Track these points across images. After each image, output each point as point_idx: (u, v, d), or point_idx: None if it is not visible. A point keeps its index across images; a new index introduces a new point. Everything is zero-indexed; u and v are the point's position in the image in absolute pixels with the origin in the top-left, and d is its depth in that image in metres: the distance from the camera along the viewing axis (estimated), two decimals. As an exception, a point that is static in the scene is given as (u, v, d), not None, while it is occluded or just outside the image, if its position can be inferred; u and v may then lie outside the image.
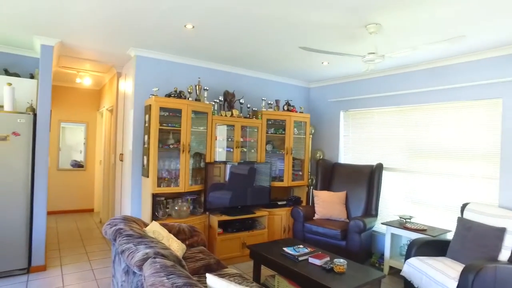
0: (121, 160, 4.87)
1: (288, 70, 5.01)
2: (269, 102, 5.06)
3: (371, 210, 4.46)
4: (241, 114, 4.70)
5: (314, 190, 4.93)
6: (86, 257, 4.39)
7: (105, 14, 3.12)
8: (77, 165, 7.08)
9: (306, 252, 3.26)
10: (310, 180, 5.50)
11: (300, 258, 3.15)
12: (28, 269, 3.83)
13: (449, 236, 3.87)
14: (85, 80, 5.90)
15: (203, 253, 3.32)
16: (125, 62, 4.83)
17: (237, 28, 3.33)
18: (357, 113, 5.24)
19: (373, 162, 4.90)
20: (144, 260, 2.07)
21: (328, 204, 4.66)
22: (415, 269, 3.22)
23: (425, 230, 3.79)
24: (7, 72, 4.17)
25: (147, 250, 2.16)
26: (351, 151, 5.33)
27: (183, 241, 3.39)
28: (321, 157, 5.62)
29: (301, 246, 3.44)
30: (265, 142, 4.88)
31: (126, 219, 2.99)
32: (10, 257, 3.69)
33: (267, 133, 4.90)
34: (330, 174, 5.08)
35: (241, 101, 4.79)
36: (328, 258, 3.12)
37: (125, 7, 2.93)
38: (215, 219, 4.15)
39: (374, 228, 4.62)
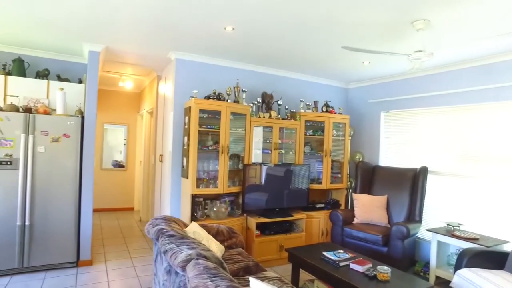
0: (161, 161, 5.00)
1: (327, 70, 4.90)
2: (307, 103, 4.98)
3: (414, 215, 4.24)
4: (279, 116, 4.66)
5: (353, 194, 4.78)
6: (127, 254, 4.54)
7: (147, 20, 3.22)
8: (118, 165, 7.39)
9: (347, 257, 3.16)
10: (349, 183, 5.35)
11: (341, 264, 3.05)
12: (77, 263, 4.04)
13: (506, 247, 3.59)
14: (127, 84, 6.14)
15: (241, 255, 3.32)
16: (165, 66, 4.96)
17: (278, 29, 3.30)
18: (399, 114, 5.02)
19: (417, 165, 4.67)
20: (187, 261, 2.09)
21: (368, 208, 4.50)
22: (468, 282, 3.01)
23: (477, 239, 3.54)
24: (59, 78, 4.43)
25: (190, 251, 2.18)
26: (392, 153, 5.12)
27: (221, 242, 3.41)
28: (360, 160, 5.45)
29: (341, 251, 3.34)
30: (303, 144, 4.80)
31: (167, 219, 3.05)
32: (62, 251, 3.91)
33: (305, 134, 4.82)
34: (370, 177, 4.91)
35: (279, 102, 4.76)
36: (370, 265, 3.01)
37: (166, 12, 3.01)
38: (253, 221, 4.14)
39: (418, 235, 4.40)
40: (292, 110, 4.94)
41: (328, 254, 3.20)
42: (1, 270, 3.66)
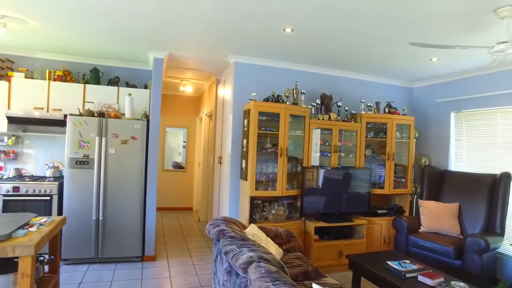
0: (220, 163, 5.11)
1: (390, 69, 4.64)
2: (369, 104, 4.76)
3: (494, 227, 3.81)
4: (339, 118, 4.52)
5: (419, 200, 4.45)
6: (187, 253, 4.71)
7: (207, 25, 3.32)
8: (178, 166, 7.73)
9: (414, 268, 2.94)
10: (414, 189, 5.00)
11: (408, 275, 2.84)
12: (142, 258, 4.28)
13: None
14: (187, 88, 6.42)
15: (300, 259, 3.25)
16: (224, 69, 5.08)
17: (339, 28, 3.20)
18: (473, 114, 4.57)
19: (495, 170, 4.20)
20: (248, 263, 2.08)
21: (436, 216, 4.15)
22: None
23: None
24: (127, 84, 4.76)
25: (251, 254, 2.17)
26: (464, 157, 4.67)
27: (280, 245, 3.37)
28: (427, 164, 5.06)
29: (407, 261, 3.12)
30: (364, 147, 4.59)
31: (227, 220, 3.09)
32: (129, 245, 4.17)
33: (366, 137, 4.61)
34: (438, 182, 4.53)
35: (338, 104, 4.61)
36: (442, 279, 2.75)
37: (225, 17, 3.07)
38: (311, 225, 4.05)
39: (500, 250, 3.94)
40: (352, 111, 4.75)
41: (393, 264, 3.01)
42: (81, 259, 4.03)
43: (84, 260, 4.05)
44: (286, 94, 4.23)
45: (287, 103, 4.19)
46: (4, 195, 3.90)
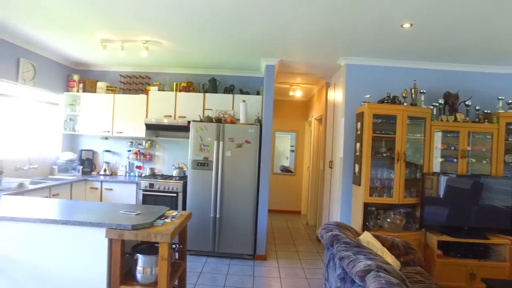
0: (331, 167, 5.02)
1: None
2: (509, 101, 4.02)
3: None
4: (467, 118, 3.96)
5: None
6: (296, 255, 4.74)
7: (316, 29, 3.33)
8: (285, 170, 7.89)
9: None
10: None
11: None
12: (253, 256, 4.49)
13: None
14: (297, 93, 6.51)
15: (421, 275, 2.95)
16: (334, 72, 5.00)
17: (468, 16, 2.81)
18: None
19: None
20: (366, 271, 1.98)
21: None
22: None
23: None
24: (241, 91, 5.10)
25: (369, 262, 2.06)
26: None
27: (396, 257, 3.11)
28: None
29: None
30: (503, 152, 3.90)
31: (340, 226, 3.01)
32: (242, 243, 4.43)
33: (506, 140, 3.89)
34: None
35: (467, 103, 4.03)
36: None
37: (335, 19, 3.04)
38: (433, 238, 3.63)
39: None
40: (485, 110, 4.09)
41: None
42: (200, 251, 4.46)
43: (203, 252, 4.46)
44: (403, 95, 3.92)
45: (405, 104, 3.88)
46: (143, 190, 4.62)
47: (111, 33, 3.73)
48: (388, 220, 3.75)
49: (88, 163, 5.23)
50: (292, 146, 7.91)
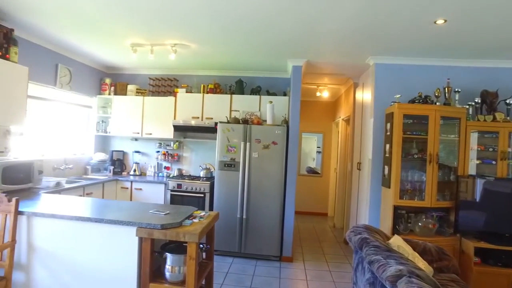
0: (359, 169, 4.92)
1: None
2: (557, 99, 3.77)
3: None
4: (508, 118, 3.75)
5: None
6: (323, 258, 4.67)
7: (344, 29, 3.27)
8: (312, 171, 7.80)
9: None
10: None
11: None
12: (280, 258, 4.47)
13: None
14: (324, 93, 6.42)
15: (456, 282, 2.81)
16: (361, 72, 4.89)
17: (508, 7, 2.66)
18: None
19: None
20: (397, 276, 1.92)
21: None
22: None
23: None
24: (268, 93, 5.10)
25: (400, 267, 2.00)
26: None
27: (429, 263, 2.99)
28: None
29: None
30: (551, 154, 3.66)
31: (369, 229, 2.94)
32: (269, 244, 4.42)
33: (550, 141, 3.67)
34: None
35: (507, 101, 3.81)
36: None
37: (362, 17, 2.96)
38: (470, 245, 3.46)
39: None
40: (528, 110, 3.86)
41: None
42: (227, 251, 4.49)
43: (229, 253, 4.49)
44: (436, 94, 3.76)
45: (437, 103, 3.73)
46: (171, 190, 4.71)
47: (141, 37, 3.85)
48: (420, 224, 3.61)
49: (118, 164, 5.41)
50: (319, 147, 7.81)
